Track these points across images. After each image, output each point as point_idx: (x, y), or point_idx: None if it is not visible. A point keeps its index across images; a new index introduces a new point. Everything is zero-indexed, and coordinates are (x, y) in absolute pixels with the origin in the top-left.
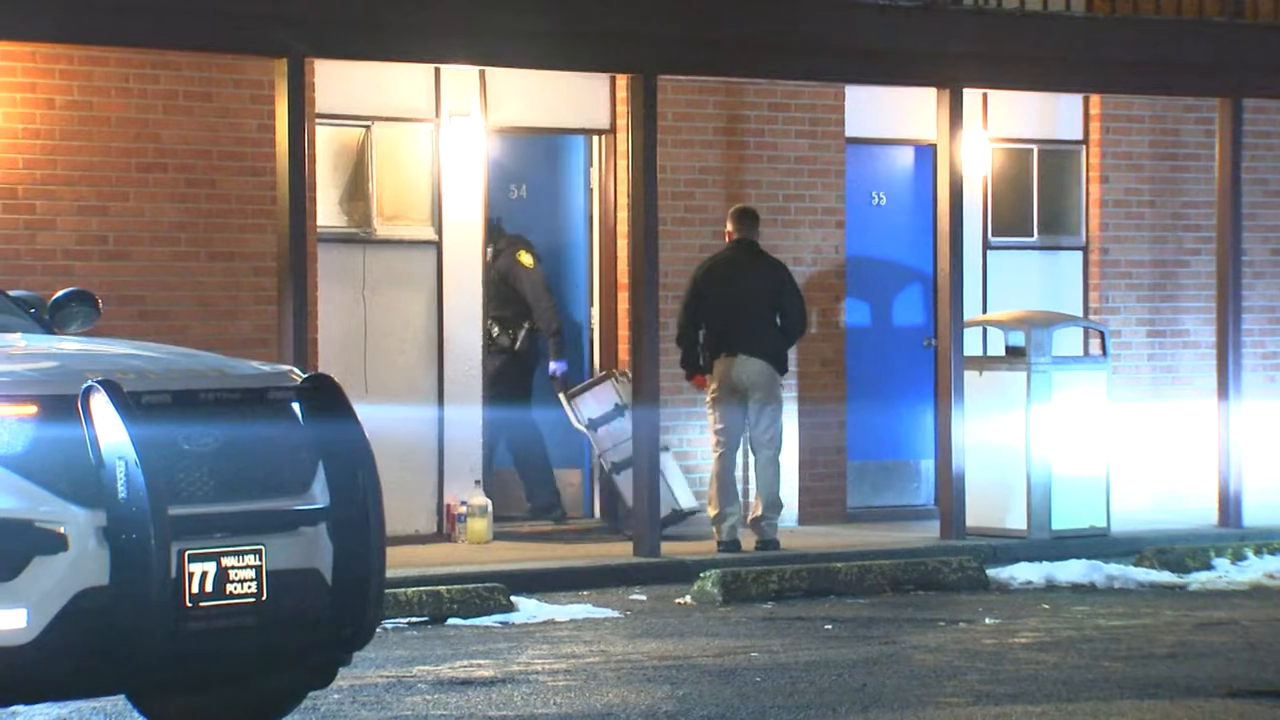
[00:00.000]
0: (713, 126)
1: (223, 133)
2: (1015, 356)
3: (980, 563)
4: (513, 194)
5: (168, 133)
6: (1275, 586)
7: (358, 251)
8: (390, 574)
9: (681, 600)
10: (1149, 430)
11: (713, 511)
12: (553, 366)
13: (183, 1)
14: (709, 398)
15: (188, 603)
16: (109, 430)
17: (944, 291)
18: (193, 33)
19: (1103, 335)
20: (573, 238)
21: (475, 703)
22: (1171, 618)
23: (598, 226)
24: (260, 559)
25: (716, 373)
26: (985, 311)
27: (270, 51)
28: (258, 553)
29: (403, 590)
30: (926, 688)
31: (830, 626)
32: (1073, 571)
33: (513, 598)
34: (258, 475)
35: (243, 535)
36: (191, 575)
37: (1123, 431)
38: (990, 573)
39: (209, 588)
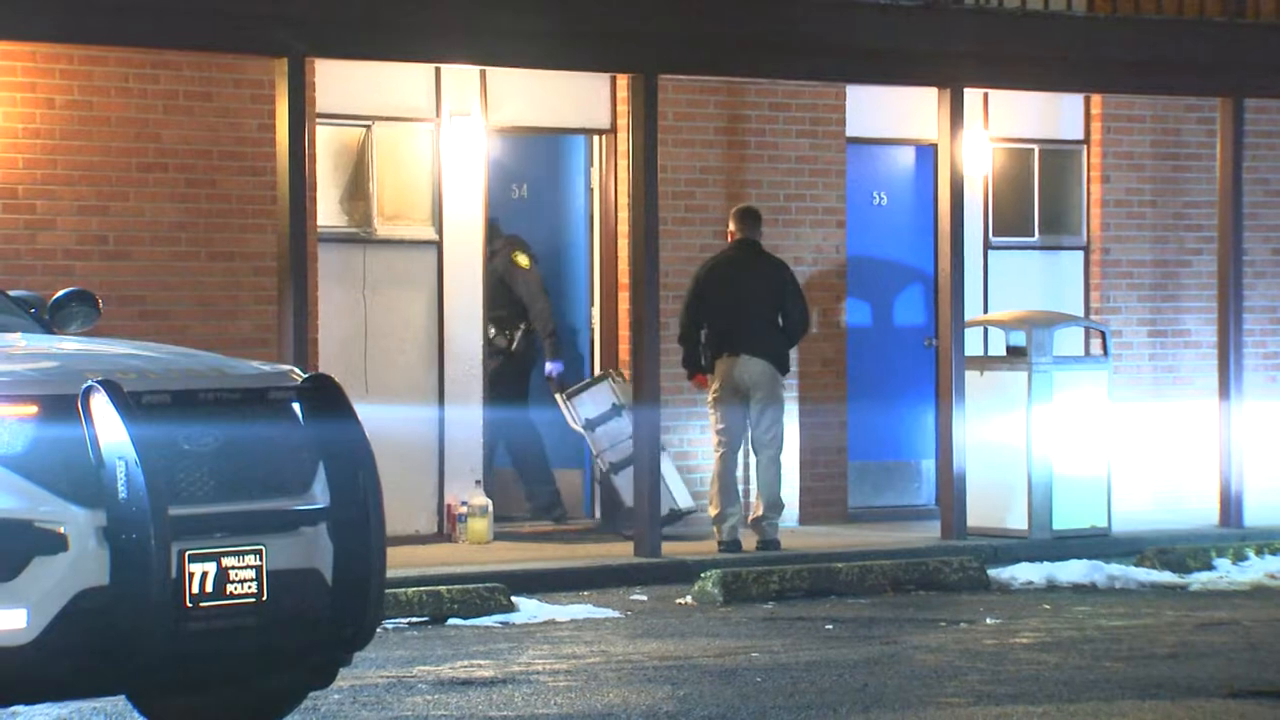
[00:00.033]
0: (713, 126)
1: (223, 132)
2: (1016, 356)
3: (981, 563)
4: (514, 194)
5: (168, 132)
6: (1276, 586)
7: (358, 251)
8: (391, 574)
9: (682, 600)
10: (1150, 430)
11: (713, 511)
12: (549, 367)
13: (183, 1)
14: (710, 398)
15: (188, 603)
16: (109, 430)
17: (945, 291)
18: (193, 33)
19: (1104, 335)
20: (573, 238)
21: (476, 703)
22: (1173, 618)
23: (598, 226)
24: (260, 559)
25: (718, 373)
26: (986, 311)
27: (270, 51)
28: (258, 553)
29: (403, 590)
30: (927, 688)
31: (831, 627)
32: (1074, 572)
33: (513, 598)
34: (258, 475)
35: (243, 535)
36: (191, 575)
37: (1124, 431)
38: (991, 573)
39: (209, 588)
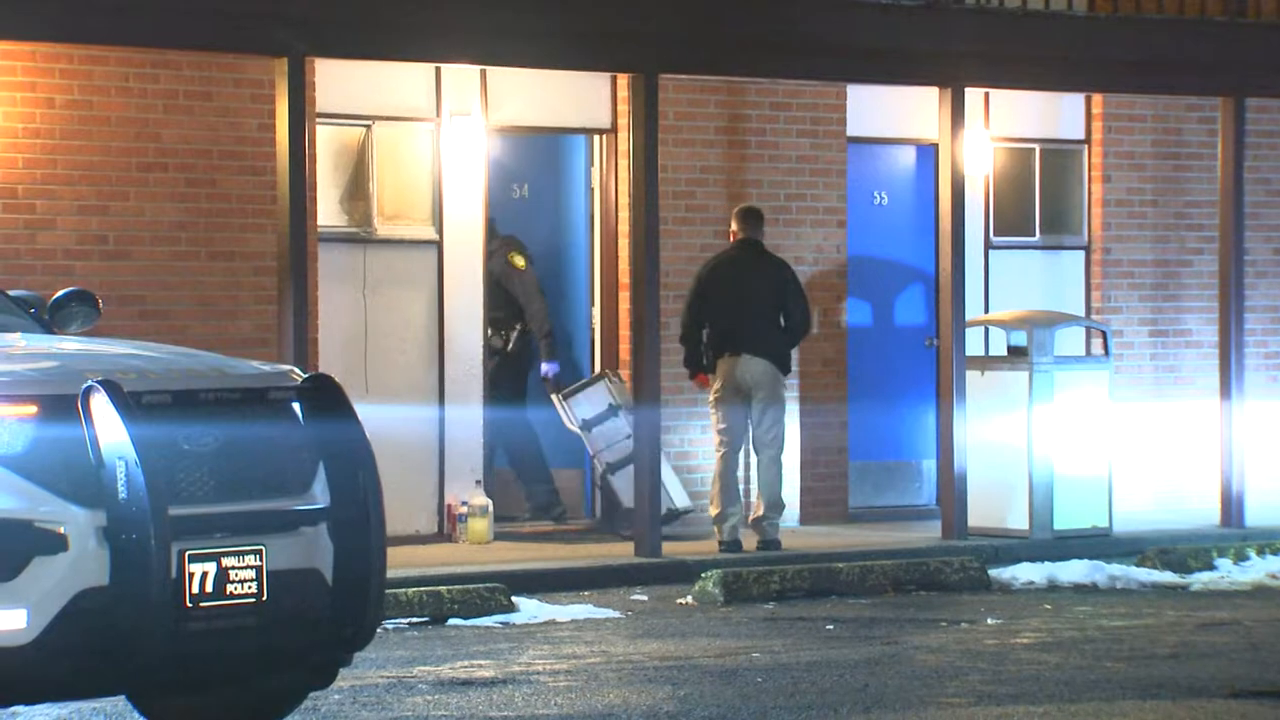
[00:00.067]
0: (714, 126)
1: (223, 132)
2: (1017, 356)
3: (982, 563)
4: (515, 193)
5: (168, 132)
6: (1278, 587)
7: (358, 251)
8: (391, 574)
9: (683, 600)
10: (1151, 430)
11: (714, 511)
12: (544, 368)
13: (183, 1)
14: (712, 397)
15: (188, 603)
16: (109, 430)
17: (946, 291)
18: (193, 32)
19: (1105, 335)
20: (574, 237)
21: (476, 703)
22: (1174, 618)
23: (599, 226)
24: (260, 559)
25: (720, 372)
26: (987, 311)
27: (271, 51)
28: (258, 553)
29: (403, 590)
30: (928, 688)
31: (832, 627)
32: (1075, 572)
33: (514, 598)
34: (258, 475)
35: (243, 535)
36: (192, 575)
37: (1125, 431)
38: (992, 573)
39: (209, 588)
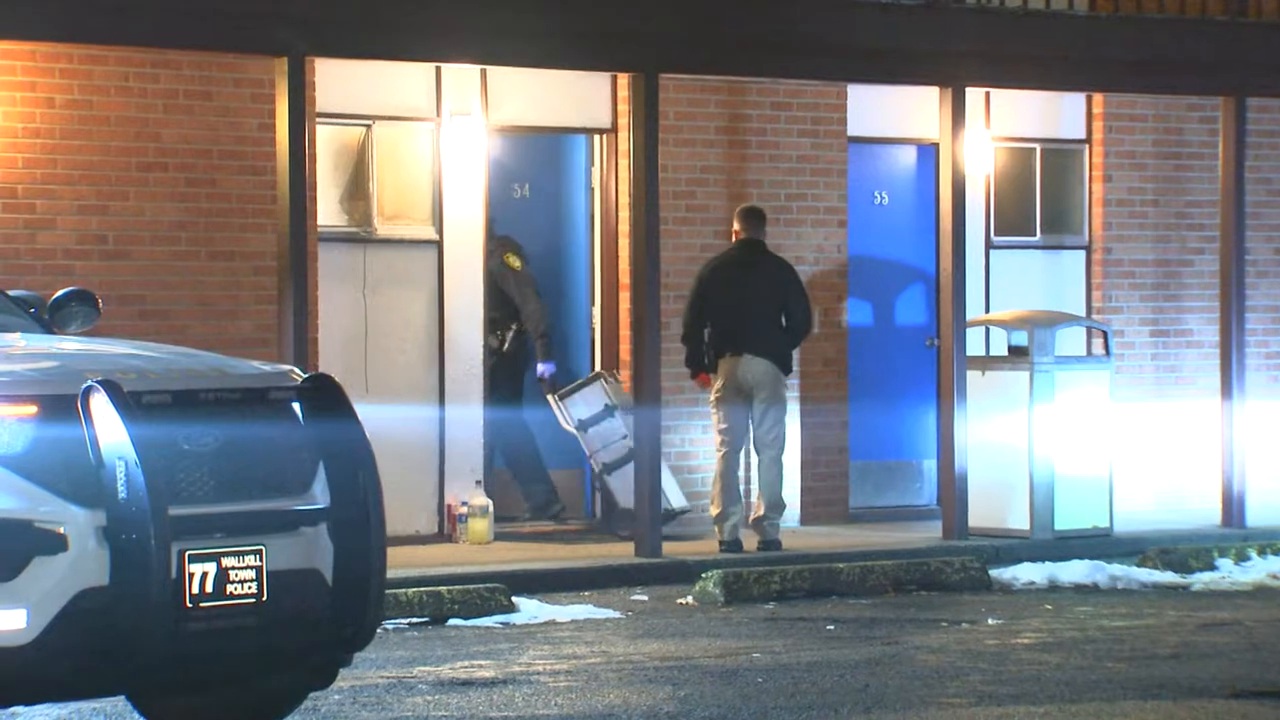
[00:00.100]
0: (714, 125)
1: (223, 132)
2: (1018, 356)
3: (983, 563)
4: (515, 193)
5: (168, 132)
6: (1279, 587)
7: (358, 251)
8: (391, 574)
9: (683, 601)
10: (1152, 430)
11: (715, 511)
12: (540, 368)
13: (183, 1)
14: (713, 397)
15: (188, 603)
16: (109, 430)
17: (946, 291)
18: (193, 32)
19: (1106, 335)
20: (574, 237)
21: (476, 703)
22: (1175, 618)
23: (599, 226)
24: (260, 559)
25: (721, 372)
26: (988, 311)
27: (271, 50)
28: (258, 553)
29: (403, 591)
30: (929, 688)
31: (832, 627)
32: (1076, 572)
33: (514, 598)
34: (258, 475)
35: (243, 535)
36: (192, 575)
37: (1126, 431)
38: (993, 573)
39: (209, 588)
